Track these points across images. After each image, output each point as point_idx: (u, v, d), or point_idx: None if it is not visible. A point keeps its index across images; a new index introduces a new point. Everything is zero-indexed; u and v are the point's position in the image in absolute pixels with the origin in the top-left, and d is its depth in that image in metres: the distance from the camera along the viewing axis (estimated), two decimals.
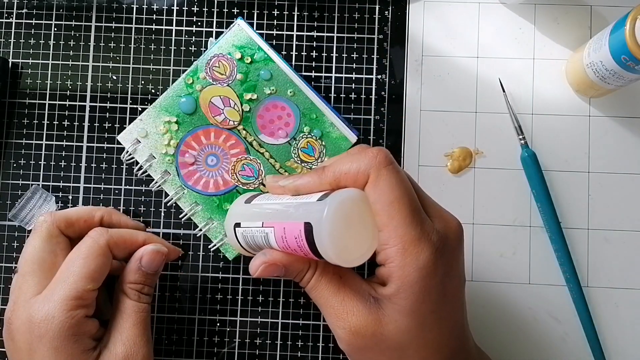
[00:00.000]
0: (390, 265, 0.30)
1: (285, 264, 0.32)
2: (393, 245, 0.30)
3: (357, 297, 0.31)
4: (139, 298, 0.37)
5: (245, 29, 0.42)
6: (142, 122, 0.42)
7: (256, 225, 0.34)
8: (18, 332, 0.34)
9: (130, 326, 0.36)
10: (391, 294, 0.31)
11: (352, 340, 0.31)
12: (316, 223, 0.30)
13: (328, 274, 0.32)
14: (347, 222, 0.30)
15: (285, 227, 0.32)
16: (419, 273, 0.30)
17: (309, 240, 0.30)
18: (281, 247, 0.32)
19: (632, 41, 0.35)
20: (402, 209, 0.30)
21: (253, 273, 0.33)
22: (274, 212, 0.34)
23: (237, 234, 0.36)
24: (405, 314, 0.30)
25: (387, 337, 0.31)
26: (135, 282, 0.38)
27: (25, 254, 0.37)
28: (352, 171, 0.31)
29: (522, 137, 0.42)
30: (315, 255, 0.30)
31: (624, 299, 0.42)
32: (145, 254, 0.38)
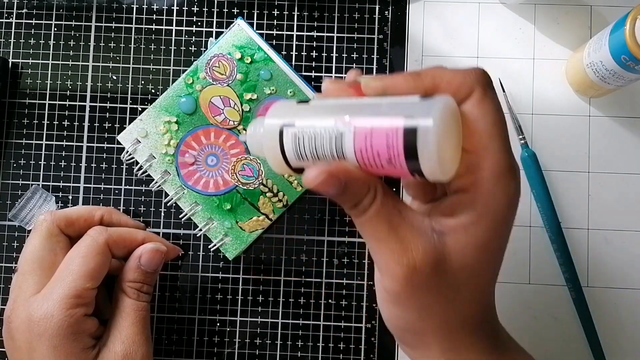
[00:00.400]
0: (477, 190, 0.27)
1: (348, 178, 0.27)
2: (488, 168, 0.27)
3: (419, 233, 0.28)
4: (138, 297, 0.37)
5: (245, 29, 0.42)
6: (142, 122, 0.42)
7: (325, 123, 0.27)
8: (17, 331, 0.34)
9: (130, 325, 0.36)
10: (470, 222, 0.27)
11: (412, 278, 0.28)
12: (422, 121, 0.25)
13: (388, 204, 0.28)
14: (448, 131, 0.25)
15: (374, 124, 0.26)
16: (509, 202, 0.28)
17: (407, 142, 0.25)
18: (359, 150, 0.26)
19: (632, 41, 0.35)
20: (503, 133, 0.28)
21: (306, 181, 0.27)
22: (356, 107, 0.27)
23: (286, 138, 0.28)
24: (480, 247, 0.28)
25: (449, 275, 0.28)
26: (135, 280, 0.38)
27: (25, 253, 0.37)
28: (456, 81, 0.28)
29: (522, 137, 0.42)
30: (410, 165, 0.25)
31: (624, 299, 0.42)
32: (144, 252, 0.38)
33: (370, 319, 0.42)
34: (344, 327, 0.42)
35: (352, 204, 0.28)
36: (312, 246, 0.43)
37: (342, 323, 0.42)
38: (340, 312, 0.42)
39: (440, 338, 0.30)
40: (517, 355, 0.32)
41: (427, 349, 0.31)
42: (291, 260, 0.43)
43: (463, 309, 0.29)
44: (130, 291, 0.37)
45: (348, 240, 0.43)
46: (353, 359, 0.42)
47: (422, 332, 0.30)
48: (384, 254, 0.28)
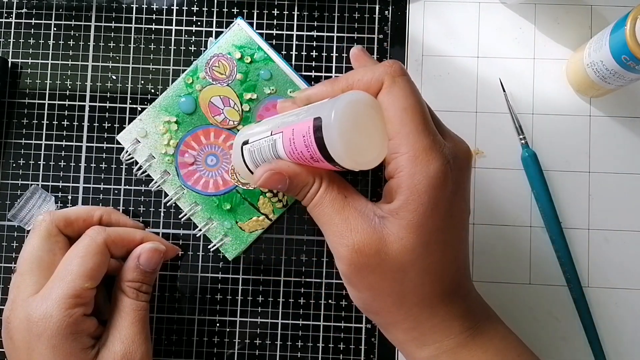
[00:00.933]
0: (399, 174, 0.30)
1: (290, 173, 0.32)
2: (404, 152, 0.29)
3: (362, 216, 0.31)
4: (137, 296, 0.37)
5: (245, 29, 0.42)
6: (141, 122, 0.42)
7: (264, 135, 0.33)
8: (16, 331, 0.34)
9: (129, 324, 0.36)
10: (399, 206, 0.30)
11: (355, 259, 0.30)
12: (326, 117, 0.28)
13: (333, 191, 0.32)
14: (358, 122, 0.29)
15: (294, 128, 0.30)
16: (429, 182, 0.29)
17: (317, 138, 0.29)
18: (288, 152, 0.31)
19: (632, 41, 0.35)
20: (415, 117, 0.30)
21: (255, 182, 0.32)
22: (284, 120, 0.32)
23: (245, 152, 0.35)
24: (411, 228, 0.30)
25: (390, 257, 0.30)
26: (133, 280, 0.38)
27: (24, 253, 0.37)
28: (366, 78, 0.31)
29: (523, 137, 0.42)
30: (324, 156, 0.29)
31: (624, 299, 0.42)
32: (143, 252, 0.38)
33: (370, 320, 0.42)
34: (344, 327, 0.42)
35: (301, 195, 0.32)
36: (312, 246, 0.43)
37: (342, 323, 0.42)
38: (340, 312, 0.42)
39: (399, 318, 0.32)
40: (490, 334, 0.33)
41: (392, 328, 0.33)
42: (291, 260, 0.43)
43: (417, 290, 0.31)
44: (129, 291, 0.37)
45: None
46: (353, 359, 0.42)
47: (381, 314, 0.32)
48: (330, 237, 0.31)
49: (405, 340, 0.33)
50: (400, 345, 0.34)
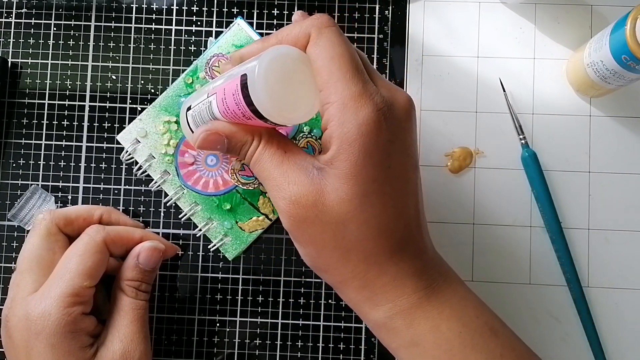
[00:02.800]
0: (331, 124, 0.30)
1: (227, 133, 0.32)
2: (333, 101, 0.29)
3: (300, 169, 0.31)
4: (137, 295, 0.37)
5: (245, 29, 0.42)
6: (141, 121, 0.42)
7: (203, 98, 0.33)
8: (15, 330, 0.34)
9: (128, 323, 0.36)
10: (332, 156, 0.30)
11: (293, 211, 0.30)
12: (251, 73, 0.29)
13: (272, 147, 0.32)
14: (285, 77, 0.29)
15: (225, 87, 0.31)
16: (358, 129, 0.29)
17: (244, 94, 0.29)
18: (222, 112, 0.31)
19: (632, 41, 0.35)
20: (343, 65, 0.29)
21: (194, 144, 0.32)
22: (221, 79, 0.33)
23: (189, 118, 0.35)
24: (345, 178, 0.29)
25: (328, 208, 0.30)
26: (133, 279, 0.38)
27: (23, 252, 0.37)
28: (294, 32, 0.31)
29: (523, 137, 0.42)
30: (253, 112, 0.29)
31: (624, 299, 0.42)
32: (142, 250, 0.38)
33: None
34: (344, 327, 0.42)
35: (241, 154, 0.32)
36: None
37: (342, 323, 0.42)
38: (340, 312, 0.42)
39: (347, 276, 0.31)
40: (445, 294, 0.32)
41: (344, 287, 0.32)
42: (291, 260, 0.43)
43: (360, 245, 0.30)
44: (128, 290, 0.37)
45: None
46: (353, 359, 0.42)
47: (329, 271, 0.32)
48: (271, 191, 0.31)
49: (358, 300, 0.32)
50: (355, 307, 0.33)
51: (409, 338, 0.31)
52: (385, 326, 0.32)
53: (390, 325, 0.31)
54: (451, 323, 0.31)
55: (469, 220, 0.42)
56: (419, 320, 0.31)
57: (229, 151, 0.32)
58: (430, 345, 0.31)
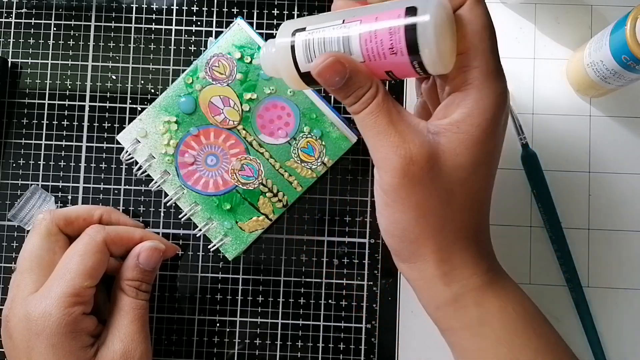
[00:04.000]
0: (467, 87, 0.29)
1: (353, 68, 0.29)
2: (477, 66, 0.29)
3: (416, 130, 0.29)
4: (137, 295, 0.37)
5: (245, 29, 0.42)
6: (141, 122, 0.42)
7: (333, 23, 0.29)
8: (16, 330, 0.34)
9: (128, 323, 0.36)
10: (461, 119, 0.29)
11: (409, 170, 0.29)
12: (422, 8, 0.27)
13: (389, 101, 0.30)
14: (447, 24, 0.28)
15: (378, 16, 0.28)
16: (496, 100, 0.29)
17: (408, 27, 0.27)
18: (365, 40, 0.28)
19: (632, 41, 0.35)
20: (492, 37, 0.30)
21: (312, 69, 0.29)
22: (363, 9, 0.29)
23: (297, 42, 0.30)
24: (471, 144, 0.29)
25: (444, 173, 0.29)
26: (133, 279, 0.38)
27: (23, 252, 0.37)
28: None
29: (523, 137, 0.42)
30: (410, 51, 0.27)
31: (624, 299, 0.42)
32: (142, 250, 0.38)
33: (370, 319, 0.42)
34: (344, 327, 0.42)
35: (355, 97, 0.30)
36: (312, 246, 0.43)
37: (342, 323, 0.42)
38: (340, 312, 0.42)
39: (435, 247, 0.31)
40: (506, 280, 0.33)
41: (423, 261, 0.32)
42: (291, 260, 0.43)
43: (458, 216, 0.30)
44: (128, 289, 0.37)
45: (348, 240, 0.43)
46: (353, 359, 0.42)
47: (418, 241, 0.31)
48: (382, 147, 0.30)
49: (434, 275, 0.31)
50: (425, 284, 0.32)
51: (477, 316, 0.31)
52: (454, 304, 0.31)
53: (460, 303, 0.31)
54: (517, 306, 0.32)
55: None
56: (488, 298, 0.31)
57: (343, 88, 0.29)
58: (498, 324, 0.31)
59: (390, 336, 0.42)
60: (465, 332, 0.32)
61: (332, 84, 0.29)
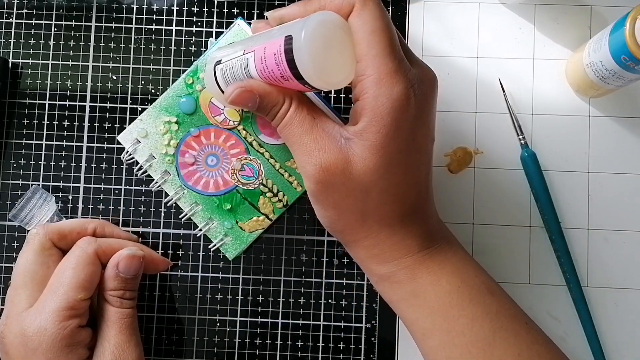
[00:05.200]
0: (364, 96, 0.31)
1: (261, 92, 0.32)
2: (369, 75, 0.30)
3: (329, 137, 0.32)
4: (122, 304, 0.37)
5: (245, 29, 0.42)
6: (142, 122, 0.42)
7: (237, 55, 0.33)
8: (12, 346, 0.34)
9: (116, 333, 0.36)
10: (363, 127, 0.31)
11: (321, 177, 0.32)
12: (297, 36, 0.29)
13: (302, 112, 0.32)
14: (328, 42, 0.30)
15: (265, 46, 0.31)
16: (392, 104, 0.30)
17: (288, 56, 0.30)
18: (259, 71, 0.32)
19: (632, 41, 0.35)
20: (383, 40, 0.30)
21: (226, 99, 0.33)
22: (257, 39, 0.33)
23: (217, 72, 0.35)
24: (374, 150, 0.31)
25: (354, 177, 0.31)
26: (115, 288, 0.37)
27: (17, 267, 0.37)
28: (338, 0, 0.31)
29: (522, 137, 0.42)
30: (294, 74, 0.30)
31: (624, 299, 0.42)
32: (121, 259, 0.37)
33: (370, 319, 0.42)
34: (344, 327, 0.42)
35: (271, 115, 0.33)
36: (312, 246, 0.43)
37: (342, 323, 0.42)
38: (340, 312, 0.42)
39: (361, 235, 0.34)
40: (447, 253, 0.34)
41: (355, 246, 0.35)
42: (291, 260, 0.43)
43: (377, 210, 0.33)
44: (112, 300, 0.37)
45: None
46: (353, 359, 0.42)
47: (345, 231, 0.34)
48: (299, 156, 0.32)
49: (366, 257, 0.34)
50: (362, 263, 0.35)
51: (411, 289, 0.33)
52: (389, 279, 0.34)
53: (394, 279, 0.34)
54: (451, 278, 0.33)
55: (468, 220, 0.42)
56: (421, 274, 0.33)
57: (259, 110, 0.33)
58: (431, 296, 0.33)
59: (390, 336, 0.42)
60: (402, 303, 0.34)
61: (247, 107, 0.33)
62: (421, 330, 0.34)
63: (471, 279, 0.34)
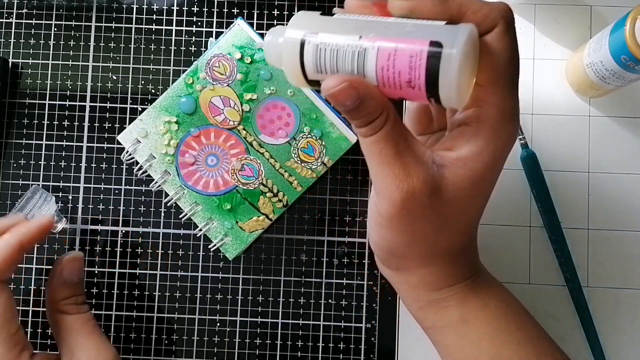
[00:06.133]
0: (481, 125, 0.28)
1: (365, 94, 0.27)
2: (495, 104, 0.28)
3: (420, 163, 0.29)
4: (79, 310, 0.36)
5: (245, 29, 0.42)
6: (142, 122, 0.42)
7: (348, 38, 0.27)
8: None
9: (86, 337, 0.35)
10: (469, 156, 0.28)
11: (408, 204, 0.29)
12: (447, 44, 0.25)
13: (398, 129, 0.29)
14: (470, 60, 0.26)
15: (398, 44, 0.26)
16: (507, 140, 0.29)
17: (430, 65, 0.25)
18: (380, 68, 0.27)
19: (632, 41, 0.35)
20: (515, 73, 0.28)
21: (326, 89, 0.28)
22: (377, 27, 0.27)
23: (307, 48, 0.28)
24: (475, 181, 0.29)
25: (441, 206, 0.29)
26: (67, 296, 0.36)
27: None
28: (483, 12, 0.27)
29: (522, 137, 0.42)
30: (427, 87, 0.26)
31: (624, 299, 0.42)
32: (65, 266, 0.36)
33: (370, 319, 0.42)
34: (344, 327, 0.42)
35: (365, 121, 0.28)
36: (312, 246, 0.43)
37: (342, 323, 0.42)
38: (340, 312, 0.42)
39: (422, 263, 0.32)
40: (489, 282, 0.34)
41: (407, 273, 0.33)
42: (291, 260, 0.43)
43: (449, 239, 0.31)
44: (68, 308, 0.36)
45: (348, 240, 0.43)
46: (353, 359, 0.42)
47: (407, 257, 0.32)
48: (385, 177, 0.29)
49: (418, 283, 0.33)
50: (409, 288, 0.33)
51: (459, 315, 0.32)
52: (437, 304, 0.33)
53: (443, 304, 0.33)
54: (498, 303, 0.33)
55: None
56: (470, 299, 0.33)
57: (352, 112, 0.28)
58: (480, 322, 0.32)
59: (390, 336, 0.42)
60: (447, 330, 0.33)
61: (342, 106, 0.28)
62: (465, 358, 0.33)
63: (515, 304, 0.34)
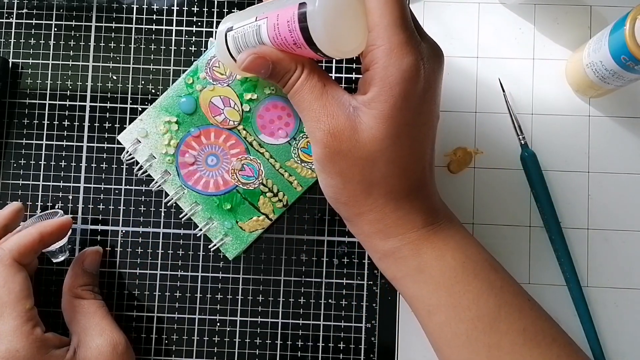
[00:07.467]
0: (374, 66, 0.31)
1: (274, 58, 0.33)
2: (380, 45, 0.30)
3: (338, 104, 0.32)
4: (95, 296, 0.39)
5: None
6: (142, 122, 0.42)
7: (249, 21, 0.33)
8: None
9: (100, 320, 0.38)
10: (372, 97, 0.31)
11: (329, 142, 0.32)
12: (310, 3, 0.29)
13: (313, 78, 0.33)
14: (341, 10, 0.30)
15: (279, 14, 0.31)
16: (401, 75, 0.30)
17: (301, 23, 0.30)
18: (272, 38, 0.32)
19: (631, 41, 0.35)
20: (395, 10, 0.30)
21: (239, 66, 0.33)
22: (269, 5, 0.33)
23: (228, 39, 0.35)
24: (382, 119, 0.31)
25: (361, 144, 0.31)
26: (86, 283, 0.39)
27: None
28: None
29: (522, 137, 0.42)
30: (307, 42, 0.30)
31: (624, 299, 0.42)
32: (86, 256, 0.40)
33: (370, 319, 0.42)
34: (344, 327, 0.42)
35: (282, 82, 0.33)
36: (312, 246, 0.43)
37: (342, 323, 0.42)
38: (340, 312, 0.42)
39: (366, 208, 0.34)
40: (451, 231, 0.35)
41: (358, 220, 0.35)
42: (291, 260, 0.43)
43: (383, 182, 0.33)
44: (85, 293, 0.39)
45: (348, 240, 0.43)
46: (353, 359, 0.42)
47: (349, 203, 0.34)
48: (309, 122, 0.33)
49: (370, 232, 0.34)
50: (365, 238, 0.35)
51: (415, 265, 0.34)
52: (393, 255, 0.34)
53: (398, 255, 0.34)
54: (455, 254, 0.34)
55: (468, 220, 0.42)
56: (425, 249, 0.34)
57: (271, 77, 0.33)
58: (435, 272, 0.33)
59: (390, 336, 0.42)
60: (406, 280, 0.34)
61: (260, 74, 0.33)
62: (426, 307, 0.34)
63: (475, 255, 0.34)
